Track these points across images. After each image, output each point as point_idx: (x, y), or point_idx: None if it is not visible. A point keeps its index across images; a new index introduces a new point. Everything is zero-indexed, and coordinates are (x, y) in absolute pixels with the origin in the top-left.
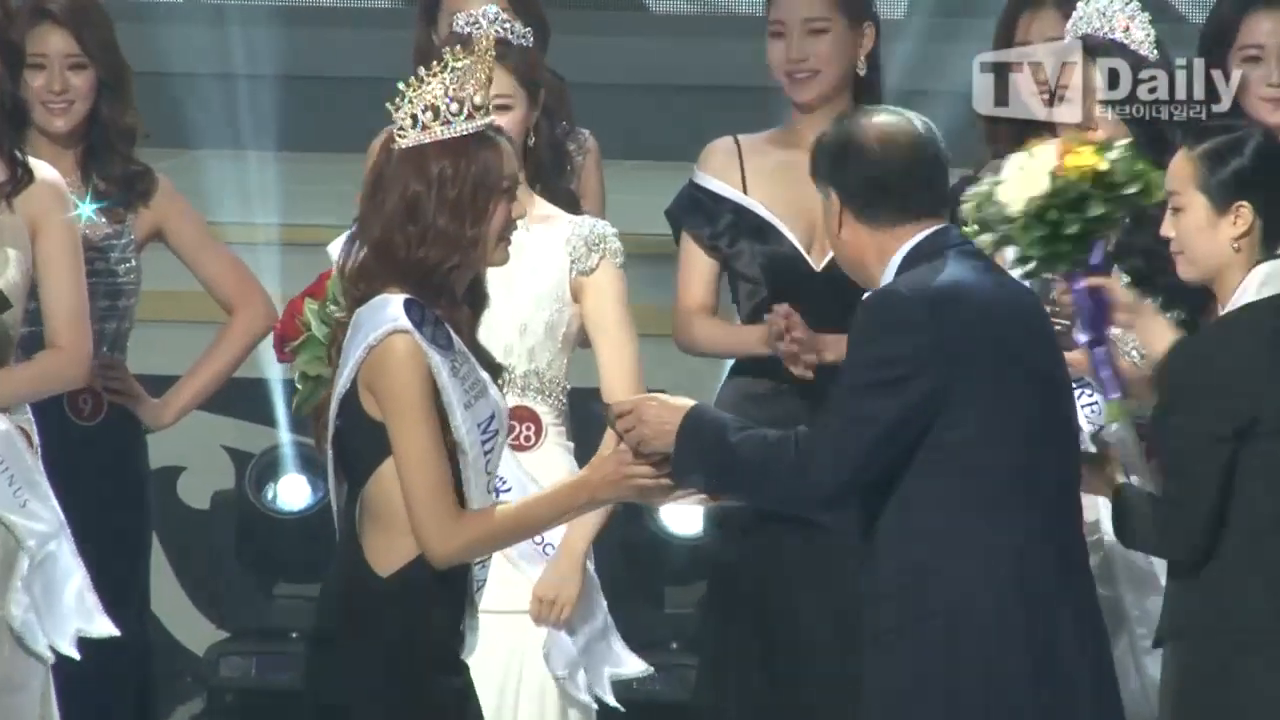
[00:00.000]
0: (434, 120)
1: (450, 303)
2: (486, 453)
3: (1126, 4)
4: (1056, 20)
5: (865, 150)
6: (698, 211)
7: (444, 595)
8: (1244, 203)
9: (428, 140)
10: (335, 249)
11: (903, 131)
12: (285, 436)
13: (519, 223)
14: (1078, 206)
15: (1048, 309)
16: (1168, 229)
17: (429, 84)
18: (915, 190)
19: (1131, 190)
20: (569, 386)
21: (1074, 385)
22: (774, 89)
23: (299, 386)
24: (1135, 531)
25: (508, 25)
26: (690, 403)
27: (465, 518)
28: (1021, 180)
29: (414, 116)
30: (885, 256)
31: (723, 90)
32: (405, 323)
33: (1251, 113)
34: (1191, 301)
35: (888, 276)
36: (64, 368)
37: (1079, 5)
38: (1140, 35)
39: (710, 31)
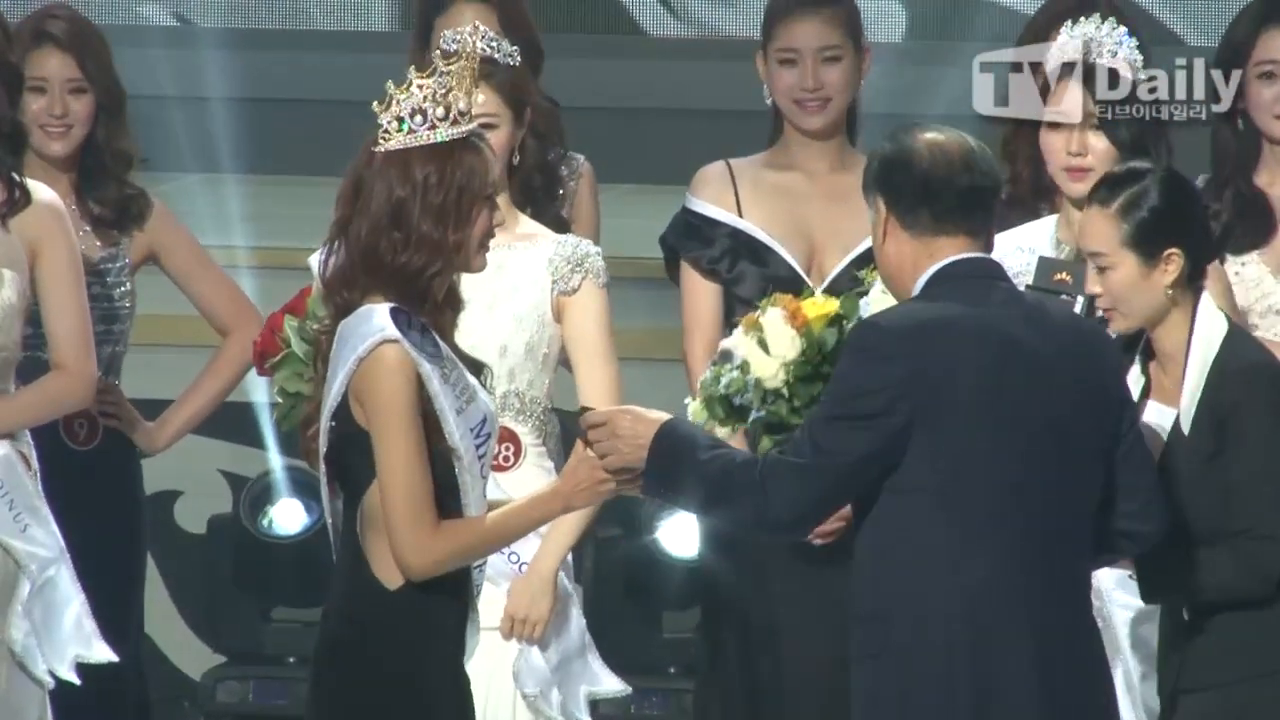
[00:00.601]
0: (421, 124)
1: (433, 308)
2: (480, 456)
3: (1114, 29)
4: None
5: (915, 154)
6: (694, 237)
7: (451, 601)
8: (1173, 249)
9: (412, 144)
10: (316, 262)
11: (955, 145)
12: (276, 461)
13: (502, 241)
14: (835, 352)
15: None
16: (1093, 286)
17: (415, 89)
18: (957, 203)
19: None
20: (551, 407)
21: None
22: (764, 113)
23: (279, 401)
24: (1191, 576)
25: (494, 44)
26: (664, 417)
27: (440, 530)
28: (770, 352)
29: (399, 120)
30: (919, 271)
31: (718, 114)
32: (394, 332)
33: (1266, 130)
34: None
35: (915, 292)
36: (69, 390)
37: (1062, 31)
38: (1128, 59)
39: (706, 56)
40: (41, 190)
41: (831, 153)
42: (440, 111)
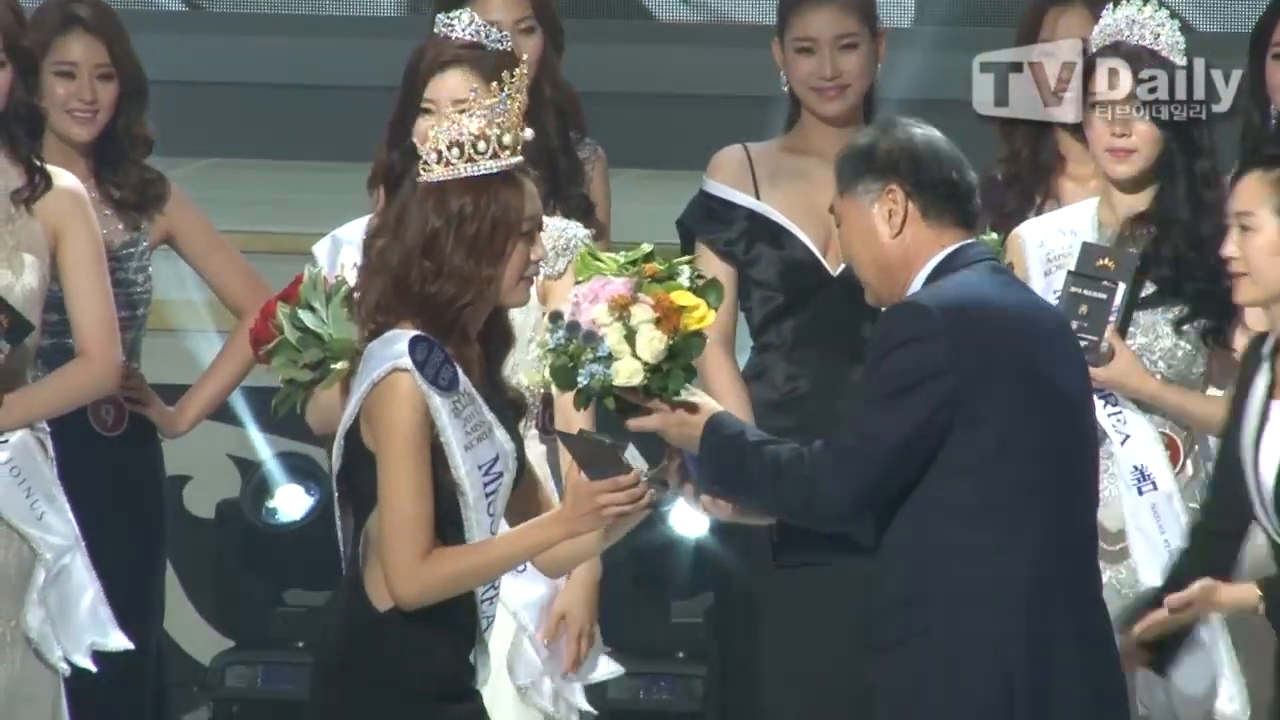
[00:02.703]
0: (458, 158)
1: (461, 340)
2: (489, 494)
3: (1156, 11)
4: (1085, 19)
5: (942, 152)
6: (711, 219)
7: (444, 629)
8: None
9: (450, 177)
10: (320, 250)
11: (950, 143)
12: (266, 451)
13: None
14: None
15: (1074, 325)
16: (1232, 249)
17: (457, 120)
18: (969, 198)
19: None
20: (542, 392)
21: (1098, 395)
22: (778, 98)
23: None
24: None
25: (481, 29)
26: (714, 407)
27: (431, 557)
28: (635, 350)
29: (438, 153)
30: (922, 261)
31: (728, 99)
32: (407, 361)
33: None
34: (1218, 310)
35: (917, 283)
36: (94, 377)
37: (1105, 13)
38: (1170, 42)
39: (715, 41)
40: (62, 175)
41: (849, 138)
42: (481, 145)
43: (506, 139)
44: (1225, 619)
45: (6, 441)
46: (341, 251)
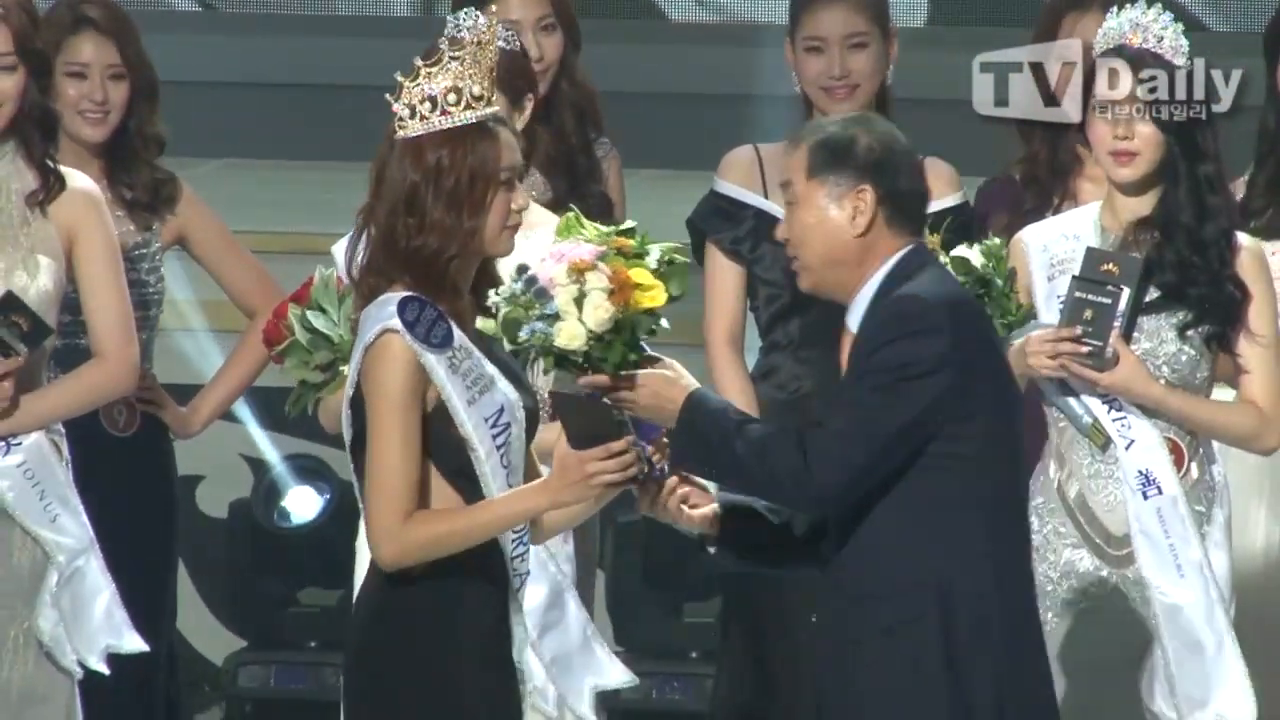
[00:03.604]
0: (431, 111)
1: (453, 295)
2: (499, 447)
3: (1160, 14)
4: (1102, 21)
5: (911, 160)
6: (720, 218)
7: (477, 588)
8: None
9: (425, 131)
10: (339, 250)
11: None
12: (273, 455)
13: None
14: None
15: (1078, 330)
16: None
17: (426, 76)
18: (926, 206)
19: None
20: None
21: (1103, 400)
22: (788, 99)
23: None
24: None
25: (482, 27)
26: (693, 384)
27: (412, 519)
28: (582, 315)
29: (411, 108)
30: (877, 261)
31: (739, 99)
32: (396, 323)
33: None
34: (1222, 315)
35: (873, 283)
36: (111, 378)
37: (1109, 15)
38: (1174, 45)
39: (728, 41)
40: (77, 177)
41: None
42: (452, 97)
43: (476, 89)
44: (1234, 624)
45: (20, 444)
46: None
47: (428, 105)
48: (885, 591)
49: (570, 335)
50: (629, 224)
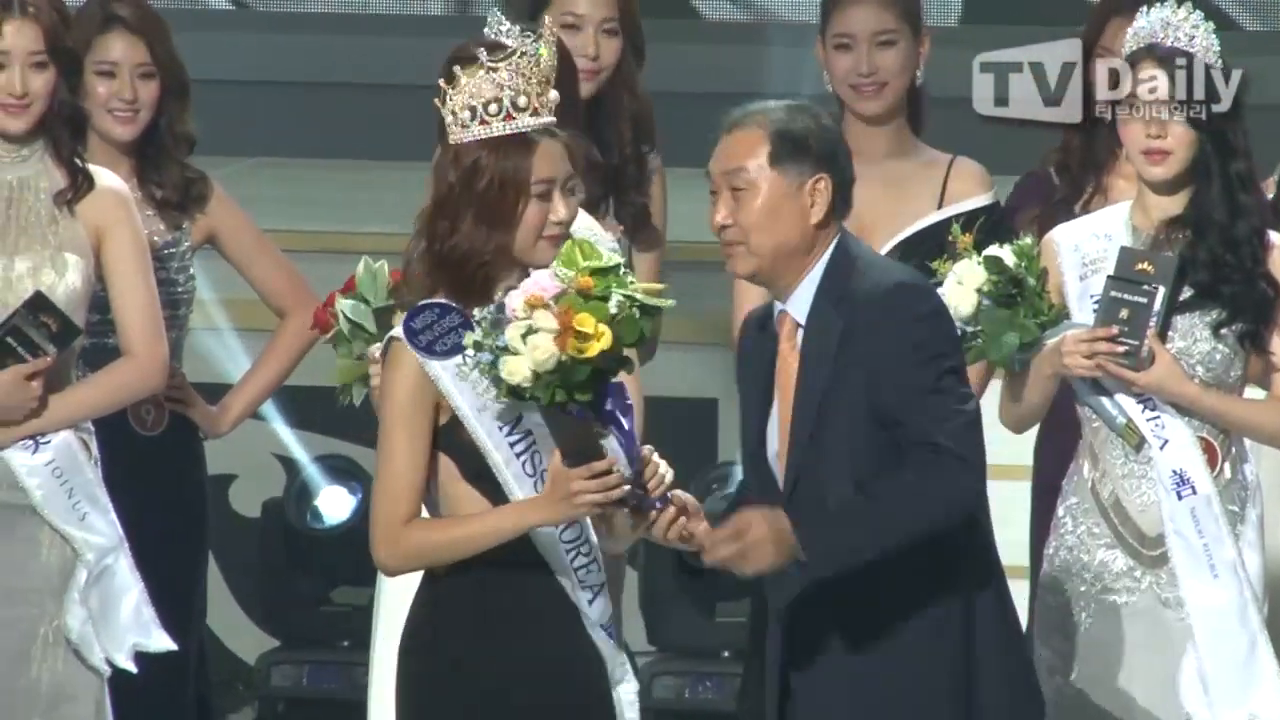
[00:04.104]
0: (471, 120)
1: (481, 299)
2: (519, 455)
3: (1190, 14)
4: None
5: (845, 143)
6: None
7: (509, 578)
8: None
9: (467, 139)
10: None
11: None
12: (303, 455)
13: None
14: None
15: (1115, 330)
16: None
17: (468, 83)
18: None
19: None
20: None
21: (1137, 400)
22: (820, 98)
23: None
24: None
25: (528, 36)
26: (770, 509)
27: (410, 526)
28: (525, 349)
29: (455, 114)
30: (821, 250)
31: (774, 99)
32: (399, 330)
33: None
34: (1255, 314)
35: (817, 270)
36: (140, 377)
37: (1139, 15)
38: (1205, 44)
39: (761, 39)
40: (105, 175)
41: (889, 138)
42: (493, 108)
43: (522, 100)
44: (1267, 626)
45: (49, 443)
46: None
47: (468, 114)
48: (896, 588)
49: (511, 370)
50: (614, 260)
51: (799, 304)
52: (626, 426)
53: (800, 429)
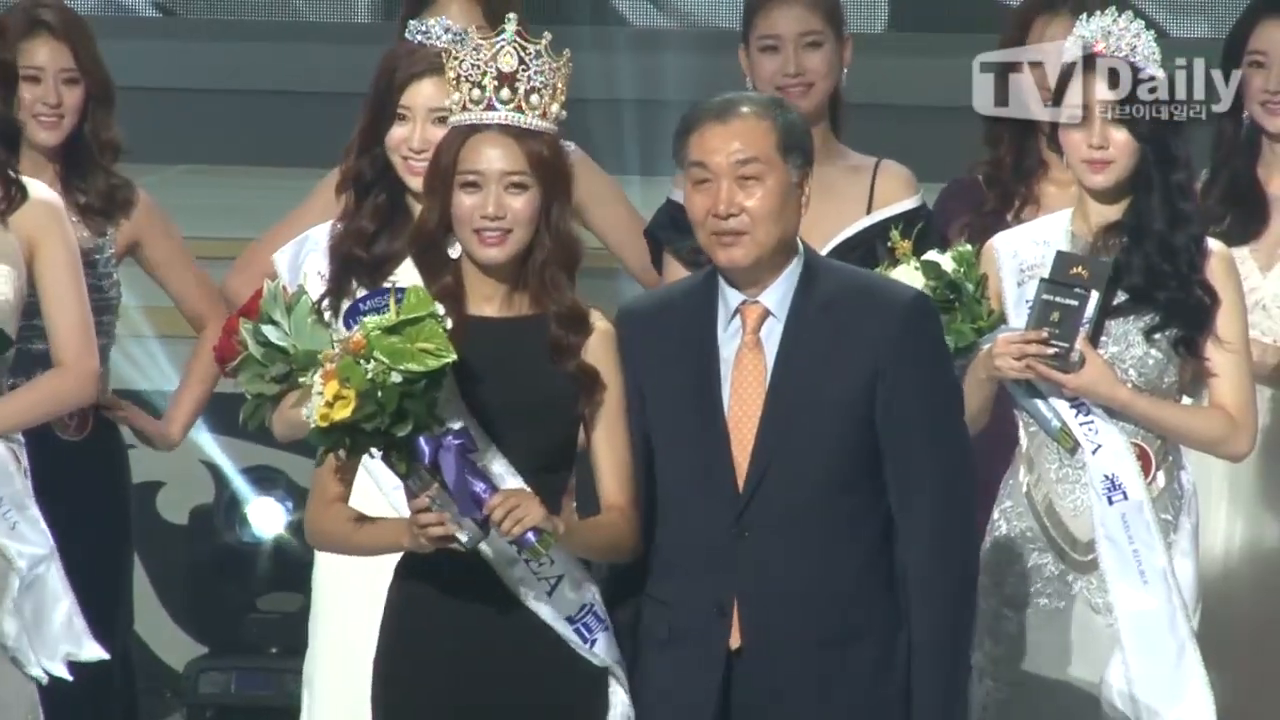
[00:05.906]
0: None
1: (430, 279)
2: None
3: (1131, 22)
4: (1072, 25)
5: None
6: (676, 228)
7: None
8: None
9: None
10: (282, 259)
11: None
12: (231, 469)
13: None
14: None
15: (1045, 332)
16: None
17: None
18: None
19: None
20: None
21: (1070, 404)
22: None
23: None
24: None
25: (460, 36)
26: None
27: (329, 508)
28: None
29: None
30: (796, 249)
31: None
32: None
33: (1254, 119)
34: (1189, 320)
35: (795, 269)
36: (71, 388)
37: (1079, 23)
38: (1146, 52)
39: (688, 47)
40: (38, 187)
41: (815, 141)
42: (456, 97)
43: (475, 94)
44: (1198, 633)
45: None
46: (307, 258)
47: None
48: (871, 588)
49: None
50: (434, 309)
51: (774, 299)
52: (453, 472)
53: (774, 423)
